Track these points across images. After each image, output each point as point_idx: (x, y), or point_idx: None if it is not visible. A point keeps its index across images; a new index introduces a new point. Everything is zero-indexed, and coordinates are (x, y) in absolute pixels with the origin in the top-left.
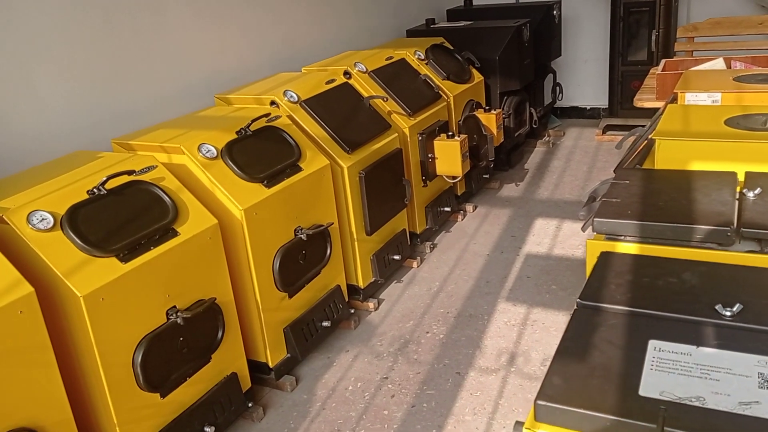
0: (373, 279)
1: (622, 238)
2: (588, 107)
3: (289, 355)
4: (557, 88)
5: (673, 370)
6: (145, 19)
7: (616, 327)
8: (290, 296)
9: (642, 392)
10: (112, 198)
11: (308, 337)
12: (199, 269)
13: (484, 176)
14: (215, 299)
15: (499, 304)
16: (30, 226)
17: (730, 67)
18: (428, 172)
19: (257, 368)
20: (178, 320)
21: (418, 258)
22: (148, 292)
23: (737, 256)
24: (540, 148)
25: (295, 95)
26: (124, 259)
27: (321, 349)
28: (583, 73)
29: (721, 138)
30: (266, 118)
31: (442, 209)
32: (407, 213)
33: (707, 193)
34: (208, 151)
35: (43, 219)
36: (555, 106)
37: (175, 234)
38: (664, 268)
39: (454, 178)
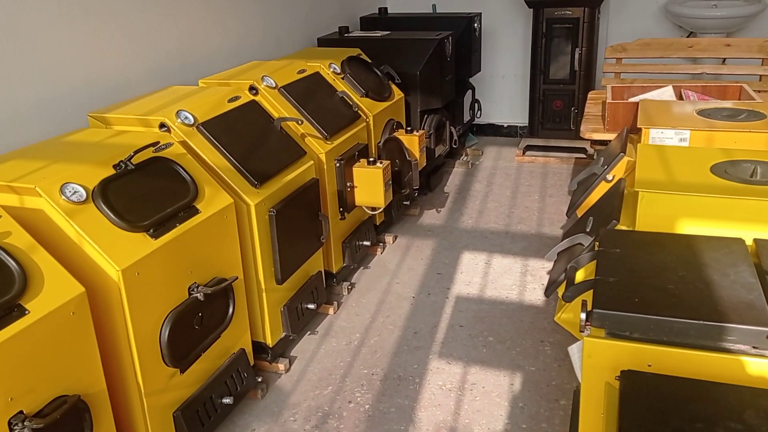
0: (284, 334)
1: (627, 334)
2: (505, 124)
3: None
4: (476, 104)
5: None
6: None
7: None
8: (182, 371)
9: None
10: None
11: (205, 420)
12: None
13: (405, 203)
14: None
15: (431, 362)
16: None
17: (681, 97)
18: (346, 203)
19: None
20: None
21: (335, 303)
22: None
23: None
24: (459, 169)
25: (190, 116)
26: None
27: (220, 430)
28: (500, 89)
29: (715, 193)
30: (153, 147)
31: (360, 243)
32: (323, 251)
33: (721, 270)
34: (75, 192)
35: None
36: (472, 123)
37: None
38: (720, 405)
39: (375, 209)
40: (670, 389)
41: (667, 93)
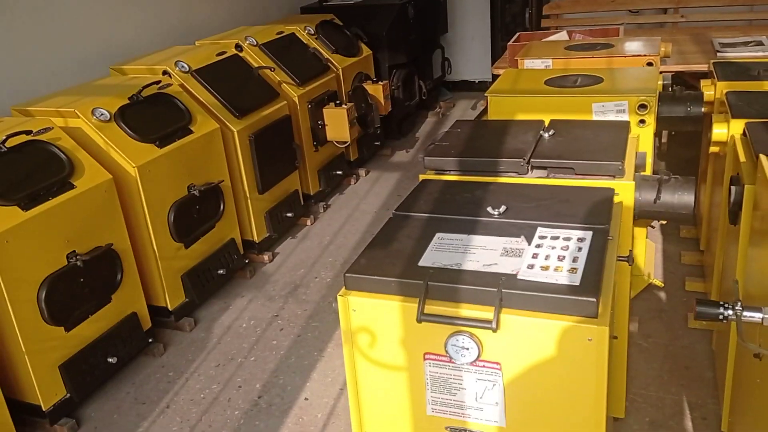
0: (267, 234)
1: (447, 172)
2: (476, 80)
3: (187, 299)
4: (446, 62)
5: (446, 250)
6: None
7: (415, 227)
8: (186, 246)
9: (420, 263)
10: (13, 155)
11: (205, 283)
12: (96, 219)
13: (376, 143)
14: (112, 245)
15: None
16: None
17: (571, 39)
18: (319, 138)
19: (158, 312)
20: (78, 263)
21: (312, 216)
22: (48, 237)
23: (530, 180)
24: (431, 119)
25: (186, 65)
26: (25, 208)
27: (218, 295)
28: (470, 49)
29: (536, 94)
30: (157, 86)
31: (334, 173)
32: (300, 175)
33: (516, 136)
34: (102, 114)
35: None
36: (446, 80)
37: (71, 187)
38: (464, 188)
39: (343, 143)
40: (442, 184)
41: (562, 36)
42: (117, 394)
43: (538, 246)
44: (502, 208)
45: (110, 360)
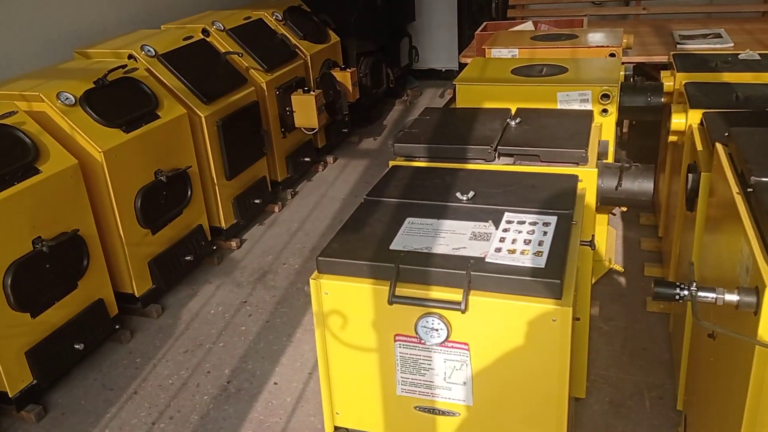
0: (235, 221)
1: (416, 158)
2: (443, 69)
3: (154, 285)
4: (413, 51)
5: (416, 234)
6: None
7: (386, 212)
8: (153, 233)
9: (391, 247)
10: None
11: (172, 270)
12: (61, 205)
13: (344, 130)
14: (78, 231)
15: None
16: None
17: (537, 29)
18: (287, 124)
19: (125, 299)
20: (44, 248)
21: (280, 203)
22: (13, 223)
23: (496, 167)
24: (398, 107)
25: (152, 50)
26: None
27: (186, 282)
28: (437, 37)
29: (503, 82)
30: (123, 70)
31: (302, 159)
32: (268, 162)
33: (484, 123)
34: (67, 98)
35: None
36: (413, 68)
37: (37, 172)
38: (434, 174)
39: (311, 130)
40: (412, 170)
41: (528, 26)
42: (84, 381)
43: (505, 230)
44: (471, 194)
45: (77, 346)
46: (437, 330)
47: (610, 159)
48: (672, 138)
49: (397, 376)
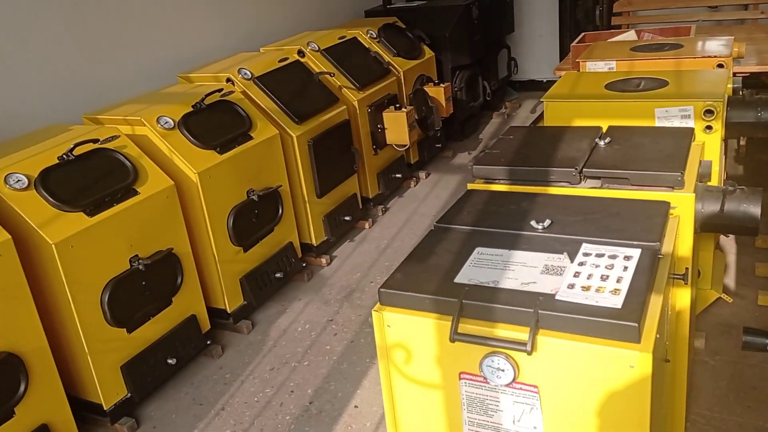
0: (326, 238)
1: (496, 181)
2: (544, 80)
3: (245, 302)
4: (512, 62)
5: (485, 266)
6: (111, 5)
7: (456, 240)
8: (245, 250)
9: (456, 280)
10: (80, 163)
11: (262, 286)
12: (158, 224)
13: (437, 145)
14: (172, 249)
15: None
16: (7, 186)
17: (640, 38)
18: (378, 141)
19: (217, 314)
20: (140, 267)
21: (370, 220)
22: (112, 242)
23: (582, 191)
24: (496, 120)
25: (249, 72)
26: (90, 214)
27: (276, 298)
28: (538, 47)
29: (595, 98)
30: (220, 93)
31: (394, 176)
32: (359, 179)
33: (570, 143)
34: (166, 122)
35: (18, 180)
36: (512, 79)
37: (135, 193)
38: (510, 199)
39: (403, 146)
40: (488, 195)
41: (630, 36)
42: (176, 395)
43: (581, 264)
44: (547, 222)
45: (170, 361)
46: (503, 370)
47: (715, 180)
48: None
49: (464, 415)
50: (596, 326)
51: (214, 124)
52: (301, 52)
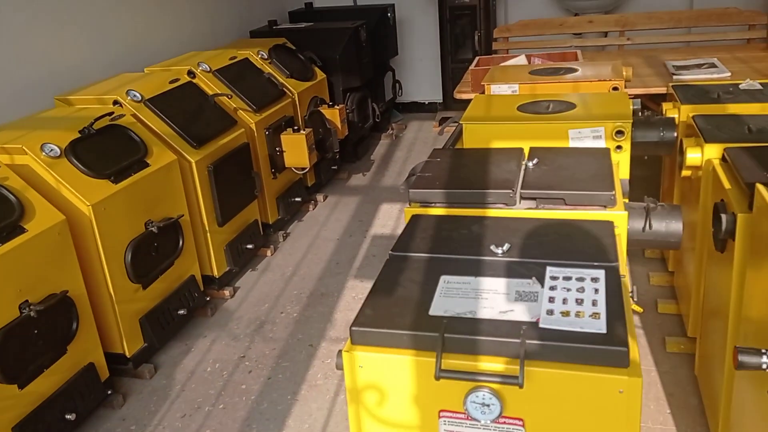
0: (228, 268)
1: (433, 204)
2: (426, 102)
3: (146, 344)
4: (396, 84)
5: (455, 295)
6: None
7: (417, 269)
8: (144, 287)
9: (431, 312)
10: None
11: (165, 325)
12: (49, 264)
13: (333, 168)
14: (67, 292)
15: (348, 281)
16: None
17: (530, 63)
18: (277, 164)
19: (115, 359)
20: (31, 313)
21: (272, 246)
22: None
23: (519, 212)
24: (385, 141)
25: (138, 94)
26: None
27: (179, 337)
28: (419, 70)
29: (512, 121)
30: (110, 117)
31: (293, 200)
32: (259, 204)
33: (499, 165)
34: (52, 150)
35: None
36: (396, 101)
37: (22, 231)
38: (459, 223)
39: (302, 169)
40: (435, 220)
41: (521, 60)
42: None
43: (552, 288)
44: (506, 246)
45: (68, 416)
46: (489, 406)
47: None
48: (686, 173)
49: None
50: (584, 353)
51: (106, 150)
52: (191, 73)
